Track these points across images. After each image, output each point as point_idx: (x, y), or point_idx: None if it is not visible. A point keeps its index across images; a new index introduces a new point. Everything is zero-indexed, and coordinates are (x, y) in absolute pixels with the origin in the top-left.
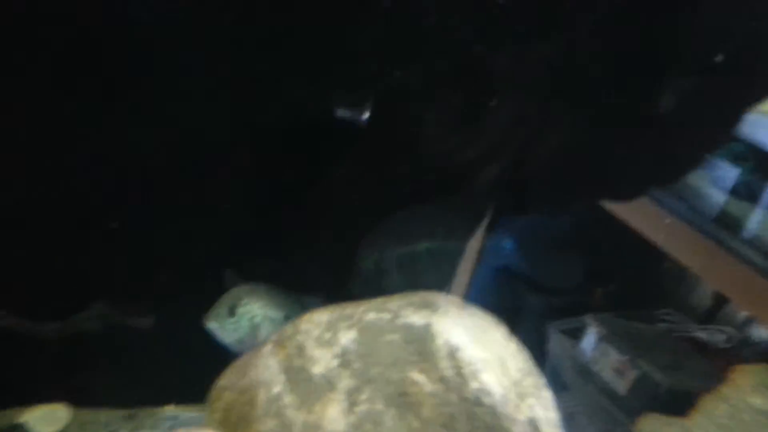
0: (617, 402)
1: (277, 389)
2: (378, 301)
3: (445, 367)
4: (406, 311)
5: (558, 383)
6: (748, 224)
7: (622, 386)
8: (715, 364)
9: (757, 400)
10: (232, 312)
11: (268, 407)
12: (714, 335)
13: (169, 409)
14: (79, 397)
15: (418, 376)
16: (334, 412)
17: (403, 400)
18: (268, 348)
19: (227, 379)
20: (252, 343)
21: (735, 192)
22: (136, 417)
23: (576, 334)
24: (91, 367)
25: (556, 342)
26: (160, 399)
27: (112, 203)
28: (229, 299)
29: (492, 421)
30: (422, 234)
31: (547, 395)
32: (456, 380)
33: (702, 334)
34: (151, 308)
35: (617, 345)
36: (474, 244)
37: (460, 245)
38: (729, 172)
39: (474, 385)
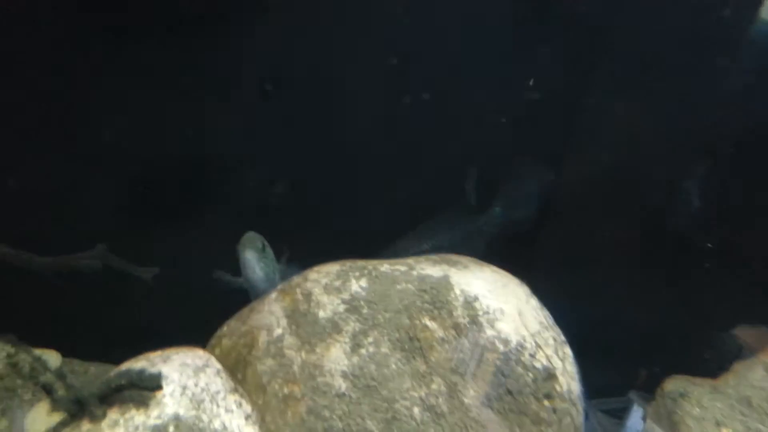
0: None
1: (278, 332)
2: (394, 259)
3: (460, 315)
4: (423, 265)
5: None
6: None
7: None
8: None
9: None
10: (263, 248)
11: (267, 349)
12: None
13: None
14: (66, 342)
15: (429, 323)
16: (336, 353)
17: (412, 344)
18: (273, 296)
19: (228, 327)
20: (272, 284)
21: None
22: None
23: (618, 414)
24: (85, 312)
25: (596, 422)
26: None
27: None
28: (255, 238)
29: (504, 367)
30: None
31: (566, 350)
32: (470, 327)
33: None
34: (155, 259)
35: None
36: None
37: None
38: None
39: (489, 332)
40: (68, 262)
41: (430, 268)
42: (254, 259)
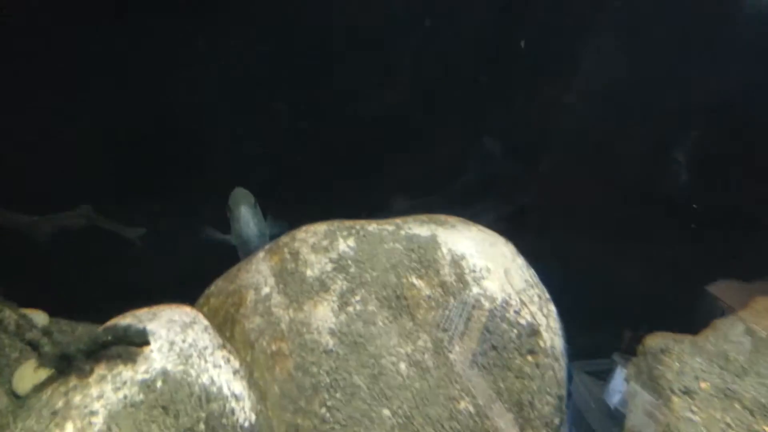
0: None
1: (266, 291)
2: (382, 219)
3: (447, 274)
4: (411, 224)
5: (582, 426)
6: None
7: (653, 430)
8: None
9: None
10: (255, 205)
11: (255, 307)
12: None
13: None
14: (54, 302)
15: (416, 281)
16: (323, 311)
17: (399, 302)
18: (260, 255)
19: (215, 286)
20: (264, 241)
21: None
22: None
23: (602, 375)
24: (72, 272)
25: (580, 383)
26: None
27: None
28: (247, 194)
29: (489, 324)
30: None
31: (551, 307)
32: (456, 285)
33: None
34: (143, 219)
35: (649, 386)
36: None
37: None
38: None
39: (475, 290)
40: (54, 220)
41: (417, 228)
42: (249, 215)
